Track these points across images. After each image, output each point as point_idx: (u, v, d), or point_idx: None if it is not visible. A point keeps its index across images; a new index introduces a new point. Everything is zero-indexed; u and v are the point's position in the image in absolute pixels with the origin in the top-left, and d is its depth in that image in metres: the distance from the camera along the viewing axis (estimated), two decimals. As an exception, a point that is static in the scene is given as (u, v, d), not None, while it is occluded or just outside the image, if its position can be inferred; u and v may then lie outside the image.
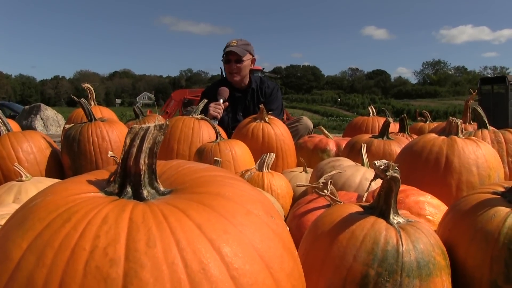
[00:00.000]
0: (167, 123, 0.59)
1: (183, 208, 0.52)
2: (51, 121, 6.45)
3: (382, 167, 0.66)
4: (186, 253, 0.47)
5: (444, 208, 1.02)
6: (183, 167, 0.64)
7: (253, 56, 3.06)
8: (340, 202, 1.17)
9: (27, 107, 6.92)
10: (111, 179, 0.59)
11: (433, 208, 1.00)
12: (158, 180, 0.59)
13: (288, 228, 1.11)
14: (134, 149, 0.57)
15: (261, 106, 2.10)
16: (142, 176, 0.57)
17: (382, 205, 0.74)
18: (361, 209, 0.78)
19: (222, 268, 0.47)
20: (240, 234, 0.51)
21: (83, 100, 1.85)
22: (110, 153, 1.08)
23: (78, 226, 0.48)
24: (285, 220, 1.41)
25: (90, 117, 1.86)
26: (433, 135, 1.32)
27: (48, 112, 6.63)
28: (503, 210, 0.78)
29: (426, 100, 54.07)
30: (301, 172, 1.91)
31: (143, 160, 0.57)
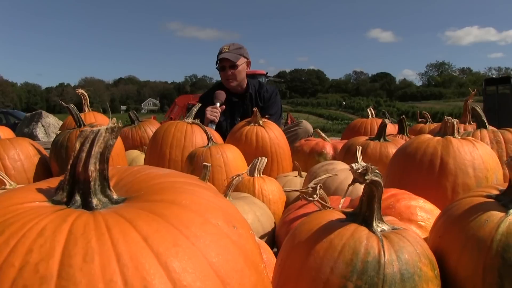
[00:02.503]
0: (120, 125, 0.54)
1: (131, 218, 0.47)
2: (53, 128, 6.45)
3: (360, 171, 0.61)
4: (127, 269, 0.42)
5: (437, 213, 0.96)
6: (142, 173, 0.59)
7: (247, 59, 3.01)
8: (330, 208, 1.12)
9: (28, 114, 6.93)
10: (60, 187, 0.54)
11: (426, 213, 0.95)
12: (111, 188, 0.54)
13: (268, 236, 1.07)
14: (84, 154, 0.52)
15: (255, 109, 2.06)
16: (92, 183, 0.52)
17: (365, 211, 0.69)
18: (343, 216, 0.73)
19: (168, 285, 0.42)
20: (193, 247, 0.46)
21: (71, 105, 1.82)
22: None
23: (11, 239, 0.43)
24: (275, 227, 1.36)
25: (79, 123, 1.83)
26: (428, 136, 1.26)
27: (50, 119, 6.63)
28: (496, 215, 0.72)
29: (431, 102, 53.74)
30: (296, 176, 1.86)
31: (93, 166, 0.52)
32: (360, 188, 1.36)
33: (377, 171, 0.63)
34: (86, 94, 2.51)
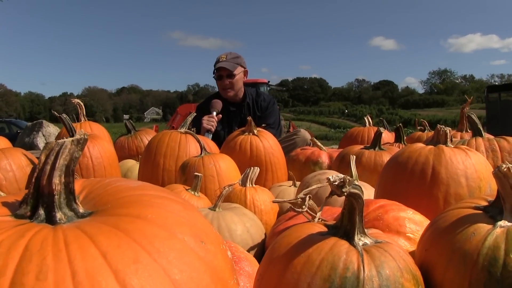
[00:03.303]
0: (86, 137, 0.53)
1: (92, 233, 0.45)
2: (53, 137, 6.47)
3: (337, 183, 0.59)
4: (82, 287, 0.40)
5: (427, 224, 0.94)
6: (112, 186, 0.58)
7: (244, 68, 3.01)
8: (319, 219, 1.09)
9: (29, 124, 6.95)
10: (24, 201, 0.52)
11: (415, 224, 0.92)
12: (77, 201, 0.53)
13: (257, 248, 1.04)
14: (48, 167, 0.51)
15: (249, 118, 2.04)
16: (56, 196, 0.51)
17: (346, 224, 0.67)
18: (324, 229, 0.70)
19: (125, 305, 0.40)
20: (154, 263, 0.44)
21: (64, 115, 1.81)
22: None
23: (-36, 257, 0.42)
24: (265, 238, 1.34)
25: (71, 133, 1.82)
26: (420, 145, 1.24)
27: (50, 128, 6.65)
28: (483, 227, 0.70)
29: (434, 110, 53.70)
30: (290, 186, 1.84)
31: (58, 179, 0.51)
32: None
33: (356, 183, 0.61)
34: (82, 104, 2.51)
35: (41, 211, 0.51)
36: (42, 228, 0.47)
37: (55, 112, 2.00)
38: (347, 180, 0.60)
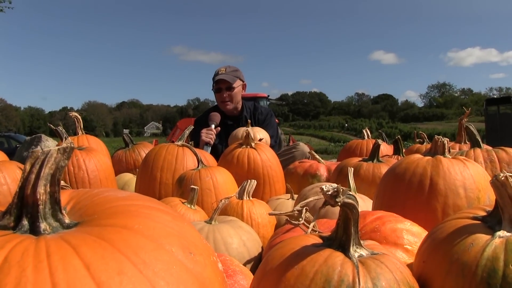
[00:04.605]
0: (72, 145, 0.52)
1: (76, 244, 0.44)
2: (51, 152, 6.46)
3: (330, 193, 0.58)
4: (62, 301, 0.38)
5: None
6: (100, 196, 0.56)
7: (243, 81, 3.02)
8: (315, 232, 1.08)
9: (28, 138, 6.94)
10: (7, 211, 0.51)
11: (413, 236, 0.91)
12: (63, 211, 0.51)
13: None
14: (33, 176, 0.50)
15: (247, 131, 2.04)
16: (41, 206, 0.49)
17: (341, 236, 0.65)
18: (319, 241, 0.69)
19: (107, 318, 0.38)
20: (139, 275, 0.42)
21: (60, 128, 1.81)
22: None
23: None
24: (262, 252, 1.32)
25: (66, 146, 1.81)
26: (418, 156, 1.23)
27: (49, 142, 6.62)
28: (482, 238, 0.68)
29: (434, 123, 53.87)
30: (288, 199, 1.82)
31: (43, 188, 0.50)
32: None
33: (350, 193, 0.60)
34: (79, 117, 2.51)
35: (25, 222, 0.49)
36: (24, 239, 0.46)
37: (51, 125, 1.99)
38: (341, 190, 0.58)
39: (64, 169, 0.51)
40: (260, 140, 2.51)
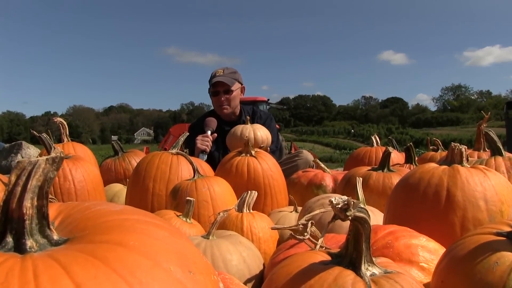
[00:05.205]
0: (62, 155, 0.52)
1: (66, 262, 0.44)
2: (33, 160, 6.43)
3: (340, 206, 0.58)
4: (52, 326, 0.38)
5: (443, 252, 0.92)
6: (92, 210, 0.56)
7: (242, 84, 3.03)
8: (322, 248, 1.07)
9: (7, 145, 6.93)
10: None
11: (429, 253, 0.90)
12: (51, 227, 0.51)
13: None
14: (19, 189, 0.50)
15: (246, 138, 2.04)
16: (27, 222, 0.49)
17: (351, 252, 0.65)
18: (328, 258, 0.69)
19: None
20: (135, 297, 0.42)
21: (44, 134, 1.81)
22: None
23: None
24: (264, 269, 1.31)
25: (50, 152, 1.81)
26: (433, 165, 1.23)
27: (31, 150, 6.62)
28: (508, 256, 0.68)
29: (448, 128, 53.99)
30: (291, 211, 1.82)
31: (29, 202, 0.49)
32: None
33: (361, 206, 0.60)
34: (65, 123, 2.51)
35: (9, 239, 0.49)
36: (8, 257, 0.45)
37: (34, 132, 1.99)
38: (352, 203, 0.58)
39: (53, 181, 0.51)
40: (261, 147, 2.51)
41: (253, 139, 2.46)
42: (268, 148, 2.62)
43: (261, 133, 2.53)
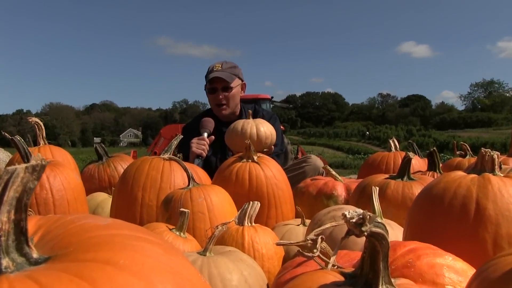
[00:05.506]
0: (44, 163, 0.52)
1: (48, 284, 0.45)
2: (4, 164, 6.46)
3: (355, 220, 0.59)
4: None
5: (472, 273, 0.92)
6: (76, 224, 0.57)
7: (242, 80, 3.04)
8: (334, 266, 1.08)
9: (-26, 148, 6.96)
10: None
11: (456, 274, 0.91)
12: (30, 244, 0.52)
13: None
14: (-5, 200, 0.50)
15: (247, 141, 2.05)
16: (3, 238, 0.50)
17: (367, 272, 0.66)
18: (340, 278, 0.69)
19: None
20: (125, 323, 0.43)
21: (17, 137, 1.82)
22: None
23: None
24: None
25: (27, 159, 1.82)
26: (459, 173, 1.24)
27: (0, 154, 6.65)
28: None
29: (478, 130, 53.86)
30: (299, 225, 1.83)
31: (6, 216, 0.50)
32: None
33: (378, 220, 0.60)
34: (41, 123, 2.52)
35: (-17, 257, 0.50)
36: (-17, 278, 0.46)
37: (6, 134, 2.00)
38: (368, 217, 0.59)
39: (33, 192, 0.51)
40: (264, 151, 2.51)
41: (256, 135, 2.44)
42: (273, 147, 2.61)
43: (265, 128, 2.51)
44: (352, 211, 0.60)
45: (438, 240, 1.07)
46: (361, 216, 0.59)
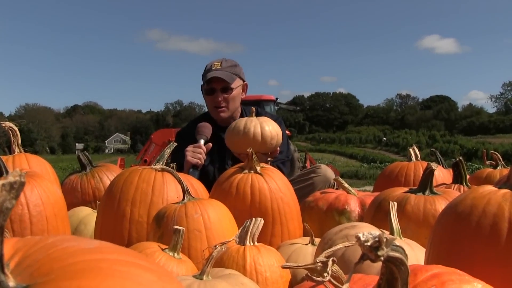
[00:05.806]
0: (23, 179, 0.53)
1: (27, 317, 0.45)
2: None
3: (370, 243, 0.59)
4: None
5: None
6: (58, 248, 0.57)
7: (244, 80, 3.05)
8: (348, 293, 1.08)
9: None
10: None
11: (485, 303, 0.91)
12: (5, 270, 0.52)
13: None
14: (-32, 221, 0.51)
15: (249, 150, 2.05)
16: (-23, 263, 0.50)
17: (385, 301, 0.66)
18: (355, 308, 0.69)
19: None
20: None
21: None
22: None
23: None
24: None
25: (1, 171, 1.82)
26: (489, 188, 1.24)
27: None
28: None
29: (511, 136, 53.63)
30: (307, 244, 1.83)
31: (-20, 239, 0.51)
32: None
33: (396, 244, 0.61)
34: (16, 129, 2.52)
35: (-47, 286, 0.50)
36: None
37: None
38: (384, 240, 0.59)
39: (10, 211, 0.52)
40: (268, 153, 2.51)
41: (260, 134, 2.44)
42: (278, 149, 2.61)
43: (270, 127, 2.49)
44: (367, 233, 0.60)
45: (465, 264, 1.08)
46: (377, 239, 0.59)
